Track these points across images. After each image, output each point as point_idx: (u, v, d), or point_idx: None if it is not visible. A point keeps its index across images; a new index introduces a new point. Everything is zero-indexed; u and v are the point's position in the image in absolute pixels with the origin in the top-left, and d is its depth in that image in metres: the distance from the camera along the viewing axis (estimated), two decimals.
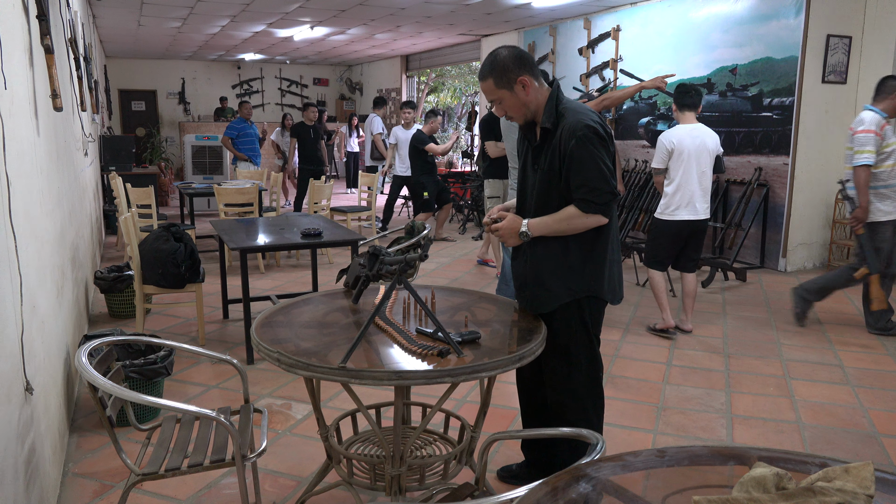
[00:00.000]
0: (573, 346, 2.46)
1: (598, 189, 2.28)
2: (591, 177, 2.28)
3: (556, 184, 2.36)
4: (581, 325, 2.45)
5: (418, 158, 8.06)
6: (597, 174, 2.28)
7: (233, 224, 5.03)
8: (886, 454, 3.13)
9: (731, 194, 7.21)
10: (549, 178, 2.38)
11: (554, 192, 2.37)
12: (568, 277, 2.40)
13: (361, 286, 2.51)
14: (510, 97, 2.35)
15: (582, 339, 2.47)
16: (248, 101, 9.69)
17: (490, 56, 2.36)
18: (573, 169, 2.30)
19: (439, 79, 19.25)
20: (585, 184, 2.29)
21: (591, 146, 2.28)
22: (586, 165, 2.28)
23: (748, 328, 4.98)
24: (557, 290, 2.41)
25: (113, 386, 2.01)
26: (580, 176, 2.29)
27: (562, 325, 2.44)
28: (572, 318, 2.44)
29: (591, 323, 2.47)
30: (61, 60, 4.14)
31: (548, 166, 2.37)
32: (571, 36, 9.42)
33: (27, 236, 2.47)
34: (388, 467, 2.20)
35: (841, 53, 6.57)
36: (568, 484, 1.35)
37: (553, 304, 2.42)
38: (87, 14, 8.18)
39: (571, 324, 2.44)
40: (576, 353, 2.46)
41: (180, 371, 4.06)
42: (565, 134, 2.31)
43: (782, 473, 1.20)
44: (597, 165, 2.28)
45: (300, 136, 9.39)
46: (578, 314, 2.44)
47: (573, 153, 2.29)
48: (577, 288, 2.41)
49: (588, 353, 2.49)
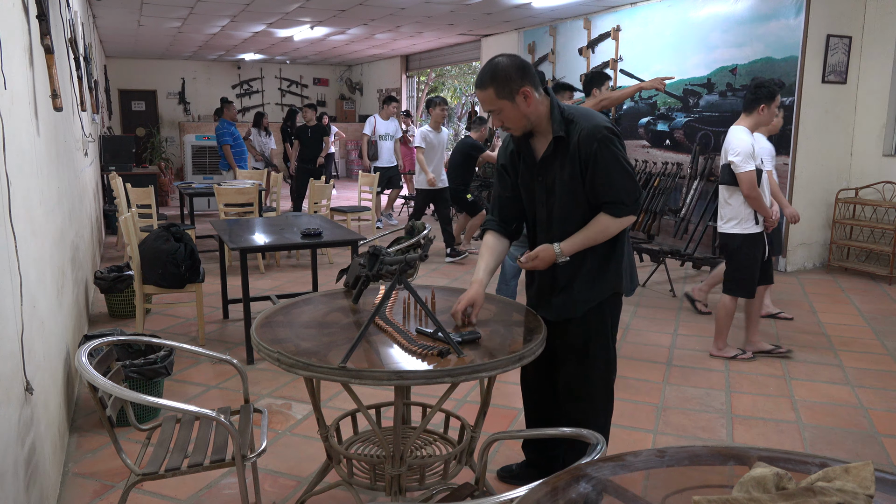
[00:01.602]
0: (593, 348, 2.45)
1: (629, 190, 2.27)
2: (620, 179, 2.27)
3: (580, 190, 2.32)
4: (601, 325, 2.45)
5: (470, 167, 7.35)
6: (625, 176, 2.27)
7: (233, 224, 5.03)
8: (886, 454, 3.13)
9: None
10: (571, 187, 2.32)
11: (580, 199, 2.33)
12: (594, 281, 2.39)
13: (361, 286, 2.51)
14: (511, 108, 2.26)
15: (601, 339, 2.46)
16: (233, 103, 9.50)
17: (489, 65, 2.26)
18: (599, 174, 2.26)
19: (439, 79, 19.26)
20: (615, 187, 2.26)
21: (614, 147, 2.26)
22: (613, 168, 2.26)
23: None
24: (586, 295, 2.39)
25: (113, 386, 2.01)
26: (609, 180, 2.26)
27: (582, 326, 2.43)
28: (593, 319, 2.43)
29: (610, 322, 2.48)
30: (61, 60, 4.14)
31: (568, 175, 2.31)
32: (571, 36, 9.42)
33: (27, 236, 2.47)
34: (388, 467, 2.20)
35: (841, 53, 6.57)
36: (568, 484, 1.35)
37: (581, 309, 2.40)
38: (87, 14, 8.18)
39: (592, 323, 2.44)
40: (594, 355, 2.46)
41: (180, 371, 4.06)
42: (583, 139, 2.26)
43: (782, 473, 1.20)
44: (623, 167, 2.27)
45: (300, 137, 9.47)
46: (600, 314, 2.44)
47: (597, 157, 2.25)
48: (602, 289, 2.40)
49: (605, 353, 2.49)
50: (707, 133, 7.43)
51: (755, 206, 3.97)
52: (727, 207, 4.10)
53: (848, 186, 6.85)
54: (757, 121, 4.02)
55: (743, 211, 4.02)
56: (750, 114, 4.03)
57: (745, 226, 4.03)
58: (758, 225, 4.04)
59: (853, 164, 6.88)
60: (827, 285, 6.27)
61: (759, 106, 3.98)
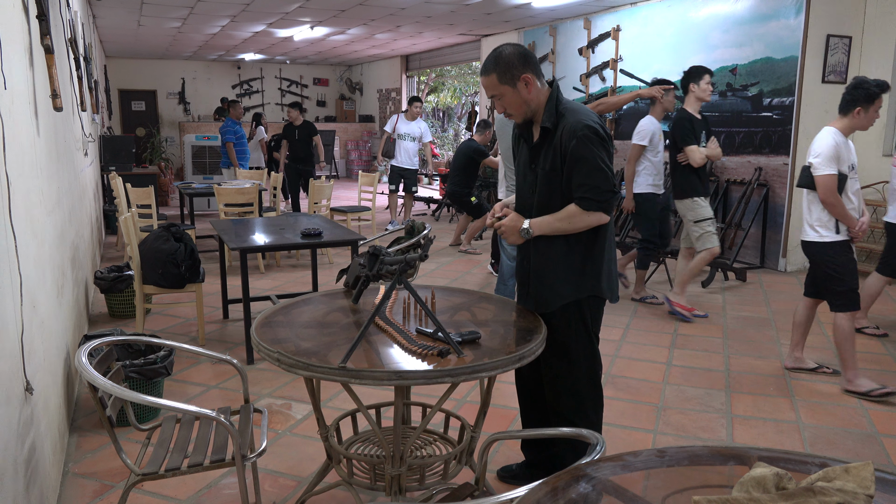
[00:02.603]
0: (573, 344, 2.47)
1: (599, 187, 2.30)
2: (592, 176, 2.30)
3: (557, 183, 2.38)
4: (581, 323, 2.47)
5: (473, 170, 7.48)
6: (598, 173, 2.30)
7: (233, 224, 5.03)
8: (886, 454, 3.13)
9: (731, 194, 7.21)
10: (550, 178, 2.40)
11: (556, 192, 2.39)
12: (570, 277, 2.42)
13: (361, 286, 2.51)
14: (512, 94, 2.36)
15: (582, 338, 2.48)
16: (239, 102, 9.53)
17: (494, 52, 2.39)
18: (574, 168, 2.32)
19: (439, 79, 19.26)
20: (586, 182, 2.31)
21: (592, 145, 2.30)
22: (587, 165, 2.30)
23: (748, 328, 4.98)
24: (560, 289, 2.42)
25: (113, 386, 2.01)
26: (581, 175, 2.32)
27: (562, 323, 2.45)
28: (572, 318, 2.46)
29: (591, 322, 2.49)
30: (61, 60, 4.14)
31: (549, 166, 2.39)
32: (571, 36, 9.42)
33: (27, 236, 2.47)
34: (388, 467, 2.20)
35: (841, 53, 6.57)
36: (568, 484, 1.35)
37: (556, 303, 2.43)
38: (87, 14, 8.18)
39: (571, 323, 2.46)
40: (575, 351, 2.48)
41: (180, 371, 4.05)
42: (566, 134, 2.33)
43: (782, 473, 1.20)
44: (597, 164, 2.30)
45: (287, 136, 9.52)
46: (579, 313, 2.46)
47: (574, 152, 2.31)
48: (579, 287, 2.43)
49: (588, 351, 2.50)
50: None
51: (834, 212, 3.67)
52: (806, 213, 3.82)
53: None
54: (851, 124, 3.70)
55: (822, 217, 3.73)
56: (845, 115, 3.71)
57: (824, 234, 3.76)
58: (839, 234, 3.72)
59: None
60: None
61: (854, 108, 3.66)
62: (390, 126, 9.34)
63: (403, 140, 9.16)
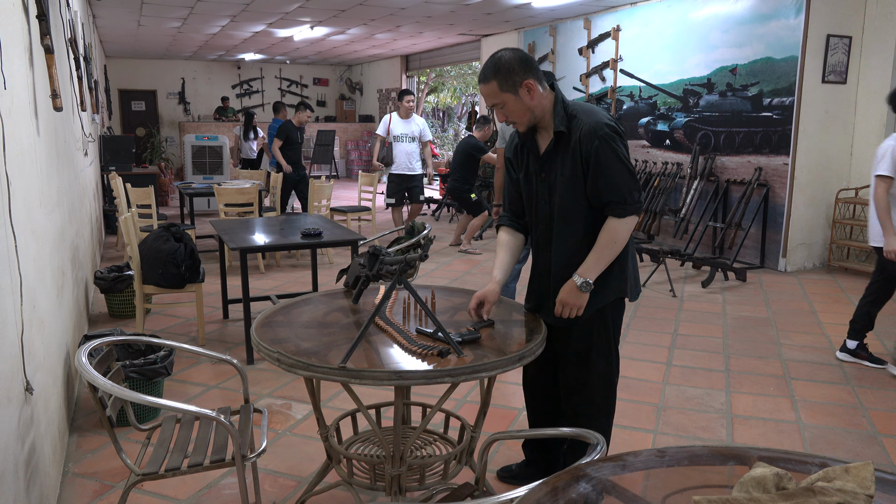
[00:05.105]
0: (594, 353, 2.43)
1: (630, 188, 2.24)
2: (621, 177, 2.23)
3: (581, 188, 2.29)
4: (603, 329, 2.42)
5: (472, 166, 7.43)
6: (626, 174, 2.24)
7: (233, 224, 5.03)
8: (886, 454, 3.13)
9: (731, 194, 7.21)
10: (572, 184, 2.30)
11: (580, 196, 2.30)
12: (597, 286, 2.33)
13: (361, 286, 2.51)
14: (514, 101, 2.24)
15: (603, 346, 2.43)
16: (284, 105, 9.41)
17: (493, 58, 2.25)
18: (600, 171, 2.24)
19: (439, 79, 19.25)
20: (617, 186, 2.23)
21: (615, 145, 2.23)
22: (614, 167, 2.23)
23: (748, 328, 4.98)
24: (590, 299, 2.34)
25: (113, 386, 2.00)
26: (610, 179, 2.23)
27: (584, 332, 2.40)
28: (595, 325, 2.40)
29: (612, 327, 2.44)
30: (61, 60, 4.14)
31: (569, 172, 2.29)
32: (571, 36, 9.42)
33: (27, 236, 2.47)
34: (388, 467, 2.20)
35: (841, 53, 6.57)
36: (568, 484, 1.35)
37: (586, 313, 2.36)
38: (87, 14, 8.18)
39: (594, 330, 2.41)
40: (596, 360, 2.43)
41: (180, 371, 4.05)
42: (584, 135, 2.24)
43: (782, 473, 1.20)
44: (624, 165, 2.24)
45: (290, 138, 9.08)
46: (602, 320, 2.41)
47: (598, 154, 2.22)
48: (607, 293, 2.37)
49: (607, 358, 2.46)
50: (707, 133, 7.43)
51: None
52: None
53: (848, 186, 6.85)
54: None
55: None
56: None
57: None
58: None
59: (853, 164, 6.88)
60: (827, 285, 6.27)
61: None
62: (383, 128, 7.94)
63: (401, 142, 7.84)
